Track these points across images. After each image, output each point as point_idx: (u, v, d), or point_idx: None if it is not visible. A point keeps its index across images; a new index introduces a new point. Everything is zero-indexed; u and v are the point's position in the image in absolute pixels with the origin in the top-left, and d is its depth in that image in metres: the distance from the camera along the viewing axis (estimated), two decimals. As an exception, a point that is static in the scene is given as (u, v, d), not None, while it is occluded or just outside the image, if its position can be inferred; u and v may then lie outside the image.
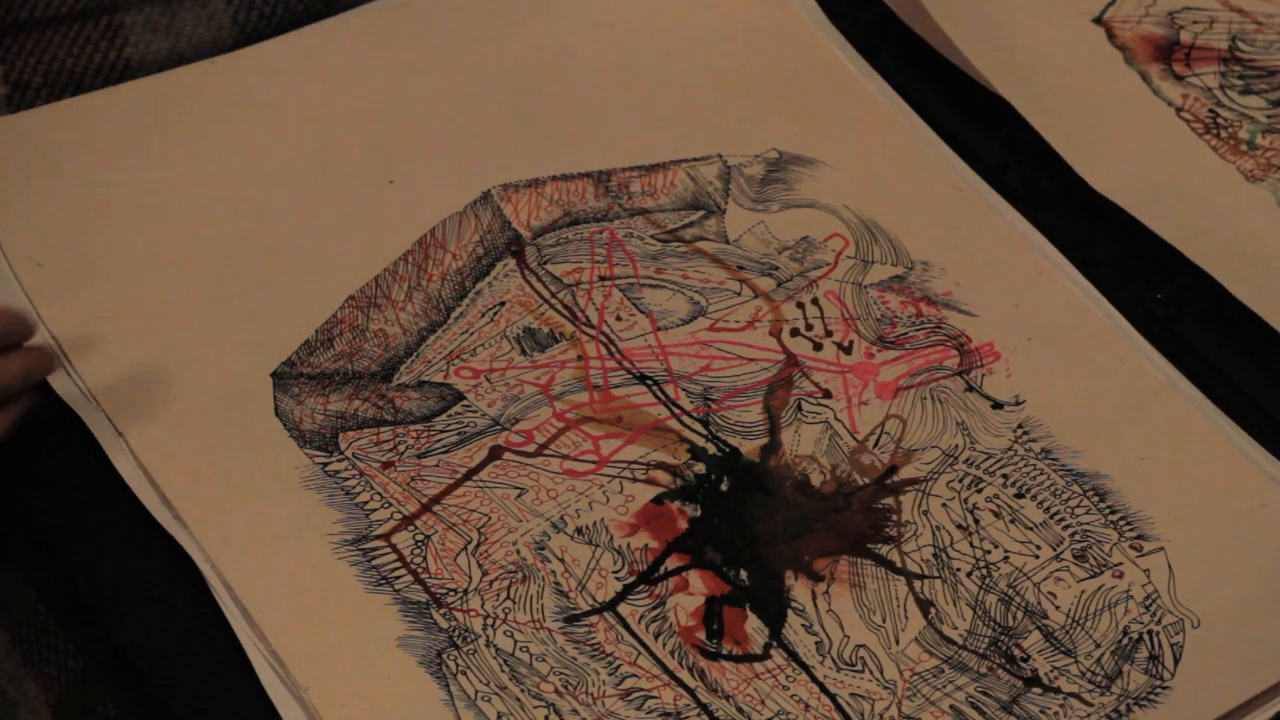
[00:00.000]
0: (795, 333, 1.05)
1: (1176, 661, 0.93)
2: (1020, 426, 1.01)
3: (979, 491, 0.99)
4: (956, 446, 1.01)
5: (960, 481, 0.99)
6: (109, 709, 0.91)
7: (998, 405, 1.02)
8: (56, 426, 0.98)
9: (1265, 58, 1.18)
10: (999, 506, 0.98)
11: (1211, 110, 1.15)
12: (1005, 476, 0.99)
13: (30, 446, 0.96)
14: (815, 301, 1.07)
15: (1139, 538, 0.97)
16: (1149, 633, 0.94)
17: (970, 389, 1.03)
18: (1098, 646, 0.94)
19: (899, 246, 1.09)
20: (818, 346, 1.05)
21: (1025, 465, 1.00)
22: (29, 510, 0.96)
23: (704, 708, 0.91)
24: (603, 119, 1.14)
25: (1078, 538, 0.97)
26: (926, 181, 1.12)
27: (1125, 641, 0.94)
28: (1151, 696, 0.92)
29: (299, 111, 1.12)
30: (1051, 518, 0.98)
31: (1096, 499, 0.99)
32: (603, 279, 1.07)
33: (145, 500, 0.95)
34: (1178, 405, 1.02)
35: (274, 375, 1.01)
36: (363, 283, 1.05)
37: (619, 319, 1.05)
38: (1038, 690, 0.92)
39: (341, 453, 0.98)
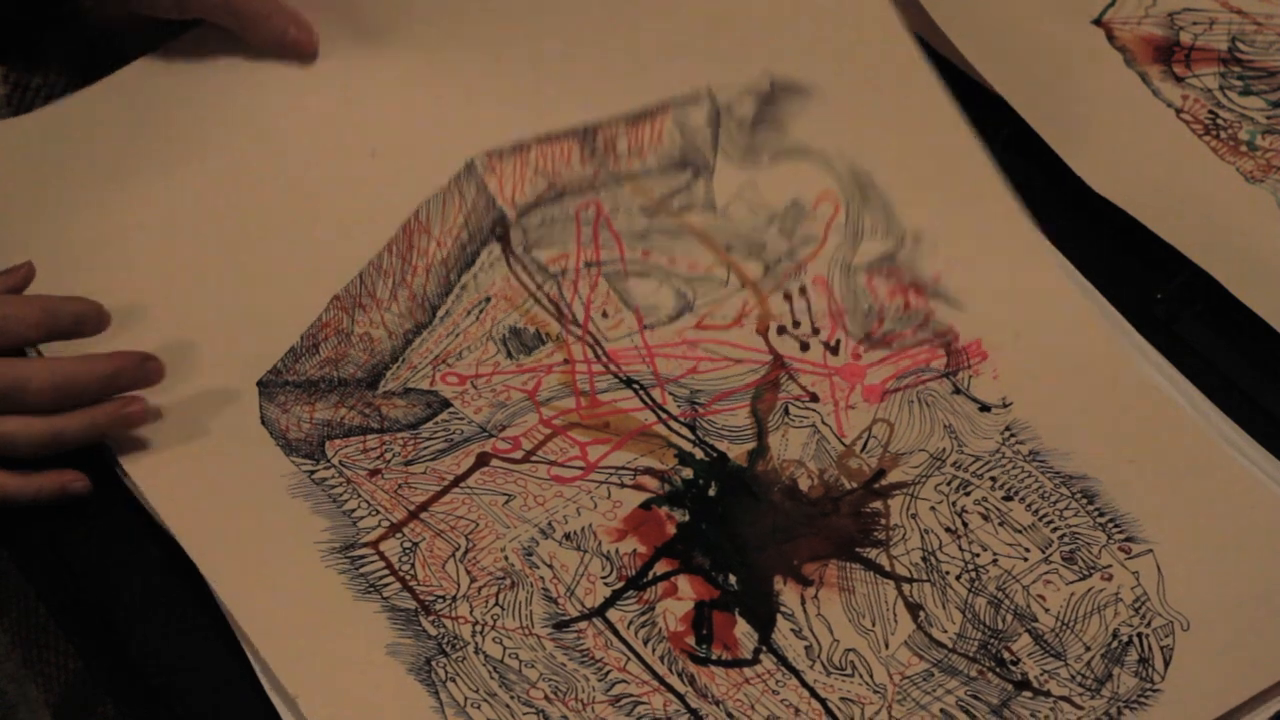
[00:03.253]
0: (782, 330, 1.05)
1: (1166, 664, 0.93)
2: (1008, 429, 1.01)
3: (967, 494, 0.98)
4: (944, 449, 1.00)
5: (948, 485, 0.99)
6: (109, 709, 0.91)
7: (985, 408, 1.02)
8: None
9: (1265, 58, 1.18)
10: (987, 509, 0.98)
11: (1211, 111, 1.15)
12: (993, 479, 0.99)
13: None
14: (803, 291, 1.06)
15: (1128, 540, 0.97)
16: (1139, 635, 0.94)
17: (957, 391, 1.02)
18: (1087, 649, 0.93)
19: (891, 212, 1.08)
20: (804, 347, 1.04)
21: (1013, 468, 0.99)
22: (28, 513, 0.96)
23: (694, 713, 0.91)
24: (589, 54, 1.11)
25: (1066, 540, 0.97)
26: (924, 122, 1.09)
27: (1115, 644, 0.94)
28: (1141, 699, 0.92)
29: (278, 90, 1.10)
30: (1040, 520, 0.98)
31: (1085, 501, 0.98)
32: (588, 265, 1.06)
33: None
34: (1166, 406, 1.02)
35: (260, 384, 1.00)
36: (348, 269, 1.04)
37: (605, 315, 1.05)
38: (1028, 694, 0.92)
39: (328, 460, 0.98)
